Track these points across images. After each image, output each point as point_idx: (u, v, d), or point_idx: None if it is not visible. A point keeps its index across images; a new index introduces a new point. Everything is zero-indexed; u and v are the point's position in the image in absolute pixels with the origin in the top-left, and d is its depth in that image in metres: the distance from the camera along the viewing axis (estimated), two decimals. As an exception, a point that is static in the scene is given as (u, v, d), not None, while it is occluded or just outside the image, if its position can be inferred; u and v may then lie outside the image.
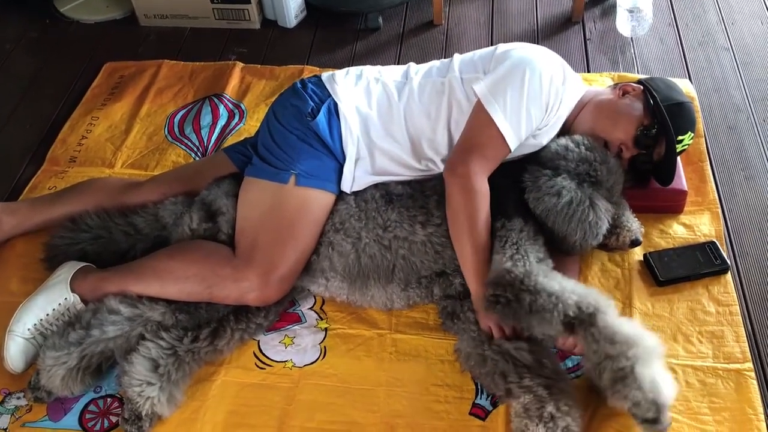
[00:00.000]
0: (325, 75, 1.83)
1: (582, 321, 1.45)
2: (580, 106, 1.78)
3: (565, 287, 1.49)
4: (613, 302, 1.52)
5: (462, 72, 1.75)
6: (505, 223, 1.63)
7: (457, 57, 1.82)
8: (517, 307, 1.50)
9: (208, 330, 1.62)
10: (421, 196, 1.74)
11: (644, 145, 1.74)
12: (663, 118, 1.71)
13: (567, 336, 1.51)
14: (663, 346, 1.45)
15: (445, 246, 1.68)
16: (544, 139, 1.75)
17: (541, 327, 1.49)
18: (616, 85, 1.85)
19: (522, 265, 1.54)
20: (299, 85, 1.81)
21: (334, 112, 1.75)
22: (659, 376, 1.39)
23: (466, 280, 1.63)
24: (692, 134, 1.77)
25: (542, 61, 1.69)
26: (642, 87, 1.79)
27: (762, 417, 1.50)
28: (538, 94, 1.65)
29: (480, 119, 1.65)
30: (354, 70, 1.85)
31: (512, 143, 1.65)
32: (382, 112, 1.76)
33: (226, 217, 1.73)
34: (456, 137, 1.73)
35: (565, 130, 1.79)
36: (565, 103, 1.74)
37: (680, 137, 1.74)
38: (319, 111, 1.74)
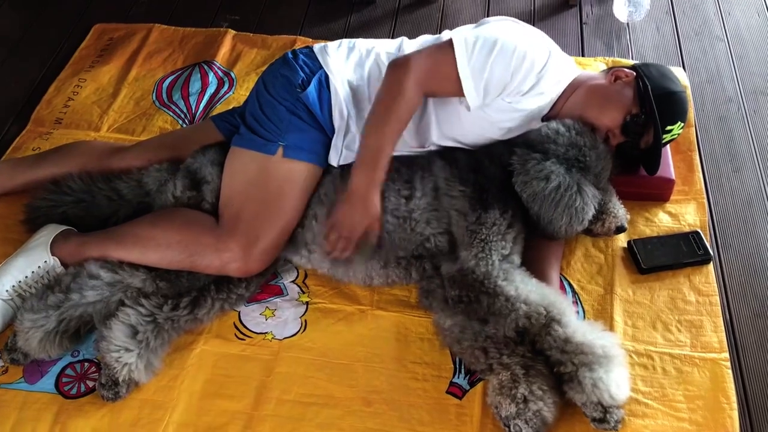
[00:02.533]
0: (317, 46, 1.81)
1: (532, 333, 1.50)
2: (572, 90, 1.77)
3: (520, 294, 1.53)
4: (571, 305, 1.56)
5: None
6: (481, 215, 1.64)
7: (446, 33, 1.80)
8: (477, 307, 1.54)
9: (188, 299, 1.61)
10: (407, 171, 1.72)
11: (632, 133, 1.73)
12: (651, 108, 1.70)
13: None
14: (618, 351, 1.48)
15: (419, 221, 1.68)
16: (523, 105, 1.70)
17: (497, 328, 1.52)
18: (609, 69, 1.84)
19: (484, 265, 1.58)
20: (290, 56, 1.79)
21: (324, 84, 1.73)
22: (606, 379, 1.42)
23: (353, 169, 1.60)
24: (682, 124, 1.75)
25: (520, 37, 1.66)
26: (635, 74, 1.78)
27: (735, 406, 1.52)
28: (506, 60, 1.61)
29: (443, 48, 1.63)
30: (347, 42, 1.83)
31: (470, 94, 1.61)
32: (372, 87, 1.74)
33: (211, 185, 1.71)
34: (440, 113, 1.72)
35: (555, 114, 1.78)
36: (546, 82, 1.69)
37: (669, 127, 1.72)
38: (309, 83, 1.72)
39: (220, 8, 2.70)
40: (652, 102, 1.69)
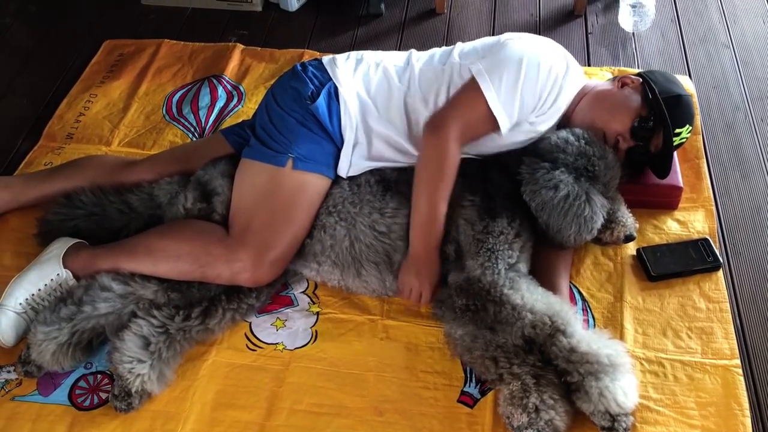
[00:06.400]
0: (326, 58, 1.83)
1: (538, 342, 1.52)
2: (579, 98, 1.78)
3: (526, 303, 1.54)
4: (576, 314, 1.56)
5: (462, 58, 1.75)
6: (488, 224, 1.65)
7: (459, 45, 1.82)
8: (484, 315, 1.56)
9: (199, 309, 1.62)
10: None
11: (641, 137, 1.74)
12: (660, 109, 1.71)
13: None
14: (625, 359, 1.49)
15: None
16: (541, 128, 1.75)
17: (504, 335, 1.53)
18: (615, 78, 1.85)
19: (490, 274, 1.59)
20: (299, 68, 1.81)
21: (334, 96, 1.74)
22: (612, 387, 1.43)
23: (411, 235, 1.67)
24: (690, 128, 1.77)
25: (543, 51, 1.69)
26: (641, 79, 1.79)
27: (747, 413, 1.51)
28: (533, 82, 1.65)
29: (471, 92, 1.66)
30: (355, 54, 1.84)
31: (504, 124, 1.66)
32: (381, 98, 1.75)
33: (221, 197, 1.73)
34: None
35: (564, 121, 1.79)
36: (564, 95, 1.73)
37: (678, 130, 1.73)
38: (319, 94, 1.73)
39: (228, 23, 2.72)
40: (661, 103, 1.70)
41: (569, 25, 2.66)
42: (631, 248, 1.83)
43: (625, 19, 2.60)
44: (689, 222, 1.90)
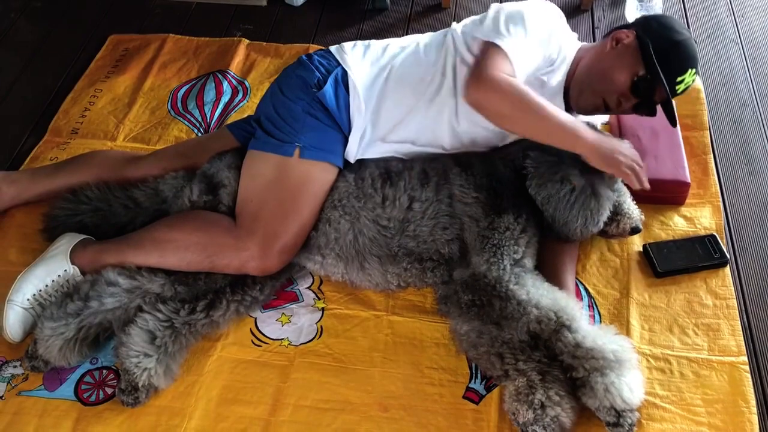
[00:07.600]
0: (334, 46, 1.83)
1: (543, 338, 1.52)
2: (576, 62, 1.76)
3: (531, 298, 1.54)
4: (582, 310, 1.56)
5: (463, 26, 1.77)
6: (494, 220, 1.64)
7: (455, 25, 1.81)
8: (490, 311, 1.55)
9: (204, 302, 1.62)
10: (424, 176, 1.72)
11: (642, 94, 1.68)
12: (653, 66, 1.64)
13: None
14: (631, 355, 1.48)
15: (434, 226, 1.68)
16: (553, 80, 1.72)
17: (510, 331, 1.53)
18: (609, 33, 1.77)
19: (496, 270, 1.59)
20: (305, 58, 1.81)
21: (341, 82, 1.74)
22: (618, 383, 1.43)
23: (569, 147, 1.59)
24: (694, 71, 1.68)
25: (537, 4, 1.71)
26: (635, 33, 1.71)
27: (754, 410, 1.50)
28: (539, 28, 1.65)
29: (487, 48, 1.63)
30: (361, 42, 1.84)
31: (517, 62, 1.62)
32: (390, 81, 1.74)
33: (228, 189, 1.72)
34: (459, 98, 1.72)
35: (567, 86, 1.75)
36: (566, 46, 1.71)
37: (680, 77, 1.66)
38: (325, 82, 1.73)
39: (233, 18, 2.72)
40: (654, 60, 1.64)
41: (576, 20, 2.65)
42: (637, 244, 1.82)
43: (632, 13, 2.58)
44: (696, 218, 1.89)
